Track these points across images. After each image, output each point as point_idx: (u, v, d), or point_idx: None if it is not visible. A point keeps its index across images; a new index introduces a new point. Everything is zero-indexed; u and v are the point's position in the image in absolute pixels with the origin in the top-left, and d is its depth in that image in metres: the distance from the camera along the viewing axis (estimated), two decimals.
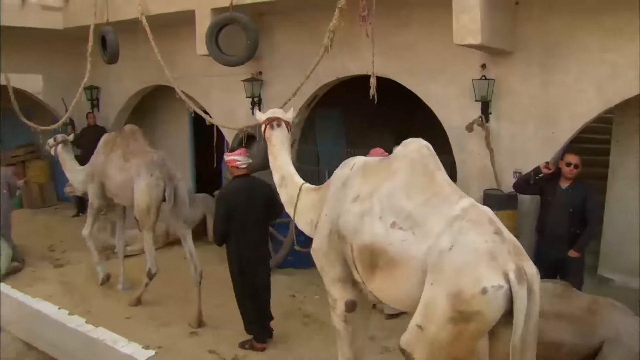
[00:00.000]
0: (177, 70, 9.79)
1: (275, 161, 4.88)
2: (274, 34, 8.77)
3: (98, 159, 7.48)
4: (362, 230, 3.80)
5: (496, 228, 3.45)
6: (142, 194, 6.78)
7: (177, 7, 8.48)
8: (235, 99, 9.22)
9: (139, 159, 6.96)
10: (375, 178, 3.97)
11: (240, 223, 5.74)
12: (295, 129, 8.85)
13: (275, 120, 4.93)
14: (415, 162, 3.87)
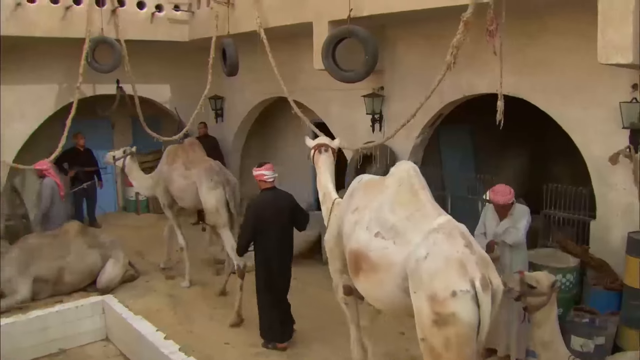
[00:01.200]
0: (298, 82, 9.55)
1: (320, 182, 5.66)
2: (396, 47, 8.20)
3: (163, 167, 8.35)
4: (352, 237, 4.48)
5: (467, 241, 3.92)
6: (207, 197, 7.57)
7: (294, 19, 8.17)
8: (356, 115, 8.74)
9: (198, 167, 7.82)
10: (371, 193, 4.61)
11: (267, 232, 6.11)
12: (417, 149, 8.26)
13: (323, 146, 5.70)
14: (403, 180, 4.41)
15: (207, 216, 7.71)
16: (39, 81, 10.32)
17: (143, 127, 10.42)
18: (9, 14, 9.04)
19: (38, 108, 10.42)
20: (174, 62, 11.58)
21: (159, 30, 10.49)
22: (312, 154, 5.74)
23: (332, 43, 7.16)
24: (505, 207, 5.76)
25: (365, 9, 7.00)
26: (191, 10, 10.60)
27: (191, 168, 7.89)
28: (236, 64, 9.08)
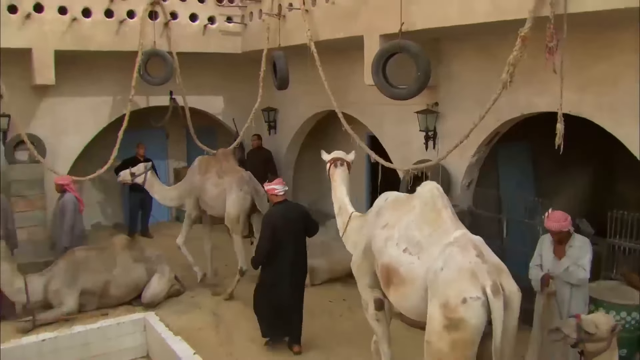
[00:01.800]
0: (350, 96, 9.29)
1: (335, 195, 5.98)
2: (451, 61, 7.81)
3: (194, 178, 8.68)
4: (384, 252, 4.82)
5: (479, 252, 4.22)
6: (233, 205, 8.12)
7: (345, 33, 7.91)
8: (409, 131, 8.39)
9: (230, 177, 8.31)
10: (400, 210, 4.96)
11: (280, 242, 6.37)
12: (472, 169, 7.84)
13: (339, 160, 6.05)
14: (428, 200, 4.74)
15: (227, 220, 8.24)
16: (93, 93, 10.46)
17: (194, 139, 10.38)
18: (66, 28, 9.19)
19: (93, 120, 10.56)
20: (227, 73, 11.54)
21: (211, 42, 10.44)
22: (328, 168, 6.11)
23: (382, 58, 6.85)
24: (561, 235, 5.35)
25: (418, 23, 6.67)
26: (244, 22, 10.50)
27: (223, 177, 8.39)
28: (286, 78, 8.90)
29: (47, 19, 9.12)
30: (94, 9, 9.42)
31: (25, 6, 8.97)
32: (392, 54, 6.79)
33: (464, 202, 7.85)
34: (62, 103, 10.23)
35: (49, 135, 10.14)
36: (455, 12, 6.23)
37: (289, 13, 8.92)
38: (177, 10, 10.12)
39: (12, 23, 8.92)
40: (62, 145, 10.31)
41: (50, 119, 10.20)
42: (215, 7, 10.37)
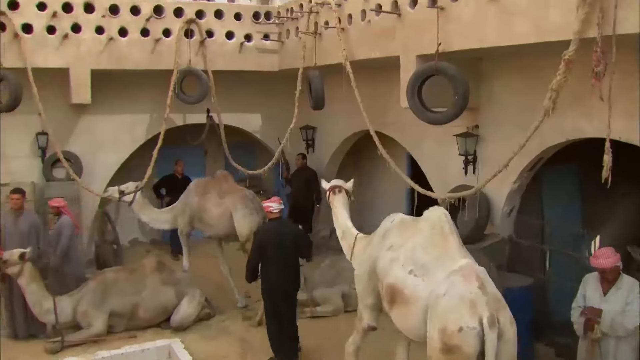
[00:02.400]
0: (388, 116, 9.00)
1: (337, 220, 6.31)
2: (493, 82, 7.43)
3: (191, 199, 8.77)
4: (389, 273, 4.99)
5: (480, 283, 4.36)
6: (242, 223, 8.29)
7: (381, 52, 7.61)
8: (448, 154, 8.03)
9: (233, 195, 8.51)
10: (406, 233, 5.15)
11: (270, 257, 6.58)
12: (514, 195, 7.42)
13: (337, 188, 6.42)
14: (435, 225, 4.91)
15: (241, 240, 8.40)
16: (130, 111, 10.50)
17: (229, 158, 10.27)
18: (102, 48, 9.22)
19: (130, 137, 10.58)
20: (265, 90, 11.39)
21: (248, 60, 10.31)
22: (328, 195, 6.47)
23: (418, 81, 6.52)
24: (609, 272, 4.92)
25: (455, 44, 6.32)
26: (280, 39, 10.33)
27: (225, 197, 8.54)
28: (321, 98, 8.67)
29: (84, 38, 9.18)
30: (130, 28, 9.43)
31: (64, 26, 9.03)
32: (428, 76, 6.45)
33: (505, 230, 7.43)
34: (99, 121, 10.29)
35: (86, 152, 10.21)
36: (493, 33, 5.86)
37: (325, 31, 8.70)
38: (214, 28, 10.03)
39: (51, 43, 9.01)
40: (99, 162, 10.36)
41: (88, 137, 10.27)
42: (252, 25, 10.24)
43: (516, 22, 5.62)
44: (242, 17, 10.20)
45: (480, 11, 5.97)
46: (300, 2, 9.40)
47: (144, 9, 9.47)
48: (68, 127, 10.12)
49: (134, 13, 9.46)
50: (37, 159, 10.01)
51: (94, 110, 10.10)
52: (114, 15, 9.33)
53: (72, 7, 9.08)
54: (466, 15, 6.15)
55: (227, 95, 10.78)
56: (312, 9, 8.80)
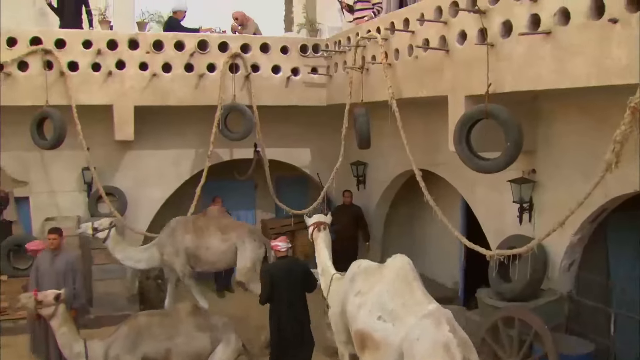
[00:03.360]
0: (439, 155, 8.43)
1: (319, 257, 6.64)
2: (551, 122, 6.75)
3: (182, 238, 8.58)
4: (357, 318, 5.22)
5: (451, 327, 4.70)
6: (249, 257, 8.44)
7: (428, 91, 7.09)
8: (503, 200, 7.36)
9: (238, 231, 8.59)
10: (372, 279, 5.40)
11: (280, 292, 6.71)
12: (574, 249, 6.67)
13: (322, 224, 6.75)
14: (399, 272, 5.26)
15: (242, 273, 8.48)
16: (175, 146, 10.36)
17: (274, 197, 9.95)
18: (146, 84, 9.11)
19: (175, 172, 10.44)
20: (314, 125, 11.01)
21: (295, 94, 10.00)
22: (311, 232, 6.76)
23: (466, 125, 5.94)
24: None
25: (507, 84, 5.72)
26: (329, 73, 9.95)
27: (229, 232, 8.57)
28: (366, 139, 8.21)
29: (127, 75, 9.13)
30: (174, 64, 9.31)
31: (108, 63, 8.99)
32: (476, 120, 5.88)
33: (563, 287, 6.68)
34: (145, 156, 10.20)
35: (131, 187, 10.14)
36: (549, 73, 5.24)
37: (372, 66, 8.25)
38: (259, 62, 9.78)
39: (95, 80, 9.00)
40: (144, 197, 10.26)
41: (133, 172, 10.21)
42: (299, 58, 9.93)
43: (574, 62, 4.98)
44: (289, 51, 9.91)
45: (534, 49, 5.36)
46: (348, 34, 9.02)
47: (188, 45, 9.33)
48: (113, 162, 10.09)
49: (178, 48, 9.35)
50: (83, 193, 10.00)
51: (139, 145, 10.02)
52: (158, 51, 9.24)
53: (117, 43, 9.05)
54: (518, 53, 5.55)
55: (275, 130, 10.49)
56: (359, 42, 8.38)
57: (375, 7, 9.10)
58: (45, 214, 9.88)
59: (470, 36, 6.22)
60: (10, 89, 8.77)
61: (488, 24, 5.89)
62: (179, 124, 10.26)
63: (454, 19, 6.48)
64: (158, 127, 10.16)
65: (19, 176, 9.87)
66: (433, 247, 10.92)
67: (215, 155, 10.23)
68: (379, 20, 8.27)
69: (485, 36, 5.91)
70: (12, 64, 8.70)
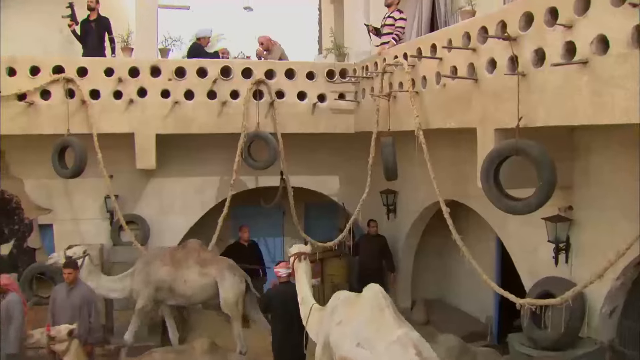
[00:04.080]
0: (471, 187, 7.91)
1: (299, 286, 6.69)
2: (589, 155, 6.25)
3: (157, 270, 8.39)
4: (341, 346, 5.57)
5: (417, 350, 4.93)
6: (231, 291, 8.31)
7: (456, 122, 6.66)
8: (537, 238, 6.85)
9: (218, 265, 8.45)
10: (351, 309, 5.75)
11: (278, 314, 7.16)
12: (616, 295, 6.11)
13: (303, 255, 6.80)
14: (372, 301, 5.56)
15: (225, 307, 8.38)
16: (199, 174, 10.19)
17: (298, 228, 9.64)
18: (167, 112, 8.94)
19: (199, 200, 10.24)
20: (342, 151, 10.64)
21: (321, 122, 9.67)
22: (292, 262, 6.82)
23: (495, 162, 5.49)
24: None
25: (539, 118, 5.26)
26: (356, 99, 9.60)
27: (209, 266, 8.42)
28: (392, 170, 7.81)
29: (149, 102, 8.98)
30: (196, 91, 9.11)
31: (130, 91, 8.86)
32: (505, 157, 5.43)
33: (604, 336, 6.11)
34: (168, 183, 10.05)
35: (155, 215, 10.00)
36: (586, 107, 4.76)
37: (399, 94, 7.87)
38: (284, 89, 9.49)
39: (116, 108, 8.88)
40: (168, 226, 10.09)
41: (156, 200, 10.07)
42: (325, 84, 9.60)
43: (614, 95, 4.51)
44: (316, 76, 9.60)
45: (569, 80, 4.89)
46: (375, 60, 8.67)
47: (211, 71, 9.12)
48: (136, 190, 9.96)
49: (200, 75, 9.15)
50: (106, 221, 9.86)
51: (163, 173, 9.85)
52: (180, 78, 9.05)
53: (139, 71, 8.91)
54: (552, 84, 5.09)
55: (301, 157, 10.21)
56: (386, 68, 8.02)
57: (396, 30, 8.73)
58: (69, 242, 9.70)
59: (500, 65, 5.80)
60: (32, 118, 8.73)
61: (519, 52, 5.46)
62: (204, 151, 10.05)
63: (482, 45, 6.07)
64: (182, 155, 9.98)
65: (43, 203, 9.82)
66: (465, 279, 10.38)
67: (240, 183, 9.97)
68: (405, 45, 7.90)
69: (516, 65, 5.48)
70: (34, 93, 8.64)
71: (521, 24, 5.49)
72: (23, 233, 9.84)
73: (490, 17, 5.97)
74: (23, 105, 8.66)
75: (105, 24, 9.58)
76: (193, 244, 8.75)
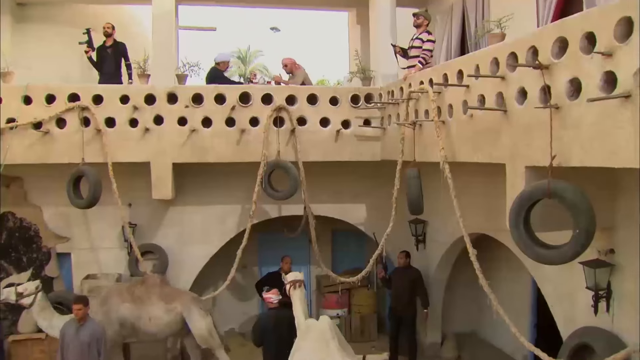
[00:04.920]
0: (503, 219, 7.32)
1: (295, 312, 7.09)
2: (633, 195, 5.61)
3: (117, 307, 8.06)
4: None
5: None
6: (200, 324, 8.20)
7: (484, 157, 6.12)
8: (575, 283, 6.23)
9: (182, 299, 8.27)
10: (307, 339, 6.44)
11: (270, 341, 7.44)
12: None
13: (298, 282, 7.27)
14: (320, 333, 6.32)
15: (201, 341, 8.29)
16: (220, 202, 9.86)
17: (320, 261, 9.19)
18: (184, 140, 8.64)
19: (220, 229, 9.90)
20: (368, 178, 10.17)
21: (346, 149, 9.21)
22: (288, 289, 7.27)
23: (525, 207, 4.94)
24: None
25: (574, 157, 4.69)
26: (382, 126, 9.12)
27: (173, 301, 8.21)
28: (417, 205, 7.29)
29: (165, 130, 8.70)
30: (214, 118, 8.78)
31: (146, 119, 8.60)
32: (536, 200, 4.88)
33: None
34: (188, 212, 9.75)
35: (173, 245, 9.72)
36: (628, 147, 4.19)
37: (425, 122, 7.37)
38: (306, 115, 9.08)
39: (132, 137, 8.63)
40: (187, 256, 9.78)
41: (176, 229, 9.78)
42: (350, 110, 9.15)
43: None
44: (339, 102, 9.16)
45: (609, 115, 4.32)
46: (401, 85, 8.20)
47: (230, 97, 8.78)
48: (155, 219, 9.69)
49: (218, 102, 8.81)
50: (124, 250, 9.61)
51: (182, 201, 9.57)
52: (198, 105, 8.74)
53: (155, 98, 8.63)
54: (589, 119, 4.51)
55: (325, 184, 9.82)
56: (411, 95, 7.53)
57: (423, 53, 8.24)
58: (87, 271, 9.57)
59: (532, 95, 5.24)
60: (48, 146, 8.57)
61: (552, 82, 4.92)
62: (224, 179, 9.72)
63: (512, 74, 5.54)
64: (201, 182, 9.68)
65: (61, 232, 9.63)
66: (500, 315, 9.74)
67: (261, 212, 9.61)
68: (431, 70, 7.41)
69: (548, 96, 4.94)
70: (49, 121, 8.46)
71: (554, 50, 4.93)
72: (41, 262, 9.67)
73: (520, 42, 5.43)
74: (39, 134, 8.49)
75: (121, 49, 9.39)
76: (153, 279, 8.48)
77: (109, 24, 9.43)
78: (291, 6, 12.90)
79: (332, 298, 11.39)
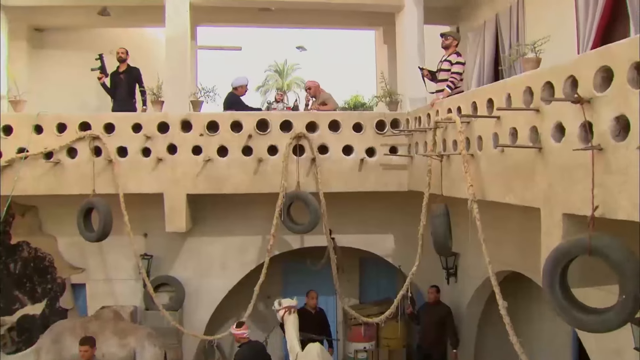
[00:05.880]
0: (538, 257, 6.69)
1: (288, 336, 7.78)
2: None
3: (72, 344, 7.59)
4: None
5: None
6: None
7: (516, 199, 5.48)
8: (622, 341, 5.48)
9: (137, 335, 7.99)
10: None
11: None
12: None
13: (291, 308, 7.86)
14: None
15: None
16: (239, 233, 9.45)
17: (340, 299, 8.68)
18: (199, 170, 8.22)
19: (239, 261, 9.46)
20: (397, 206, 9.56)
21: (370, 179, 8.65)
22: (282, 315, 7.73)
23: (560, 264, 4.29)
24: None
25: (621, 210, 4.00)
26: (410, 154, 8.52)
27: (127, 336, 7.96)
28: (443, 245, 6.68)
29: (179, 160, 8.31)
30: (230, 147, 8.34)
31: (159, 148, 8.22)
32: (574, 255, 4.23)
33: None
34: (205, 243, 9.36)
35: (191, 277, 9.35)
36: None
37: (452, 154, 6.76)
38: (328, 143, 8.56)
39: (144, 167, 8.27)
40: (205, 288, 9.39)
41: (193, 261, 9.40)
42: (375, 137, 8.59)
43: None
44: (364, 128, 8.61)
45: None
46: (428, 111, 7.61)
47: (246, 125, 8.34)
48: (171, 250, 9.33)
49: (234, 129, 8.37)
50: (140, 282, 9.23)
51: (199, 232, 9.17)
52: (213, 133, 8.31)
53: (168, 126, 8.24)
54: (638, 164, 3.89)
55: (350, 213, 9.31)
56: (438, 124, 6.94)
57: (451, 76, 7.64)
58: (102, 302, 9.22)
59: (570, 132, 4.60)
60: (59, 177, 8.29)
61: (594, 118, 4.27)
62: (243, 208, 9.28)
63: (547, 106, 4.91)
64: (219, 212, 9.27)
65: (76, 262, 9.35)
66: (538, 354, 9.02)
67: (282, 243, 9.14)
68: (460, 97, 6.81)
69: (590, 135, 4.29)
70: (60, 151, 8.16)
71: (597, 81, 4.29)
72: (55, 293, 9.40)
73: (557, 70, 4.79)
74: (50, 164, 8.21)
75: (135, 75, 9.07)
76: (107, 313, 8.23)
77: (123, 48, 9.13)
78: (315, 26, 12.45)
79: (358, 331, 10.82)
